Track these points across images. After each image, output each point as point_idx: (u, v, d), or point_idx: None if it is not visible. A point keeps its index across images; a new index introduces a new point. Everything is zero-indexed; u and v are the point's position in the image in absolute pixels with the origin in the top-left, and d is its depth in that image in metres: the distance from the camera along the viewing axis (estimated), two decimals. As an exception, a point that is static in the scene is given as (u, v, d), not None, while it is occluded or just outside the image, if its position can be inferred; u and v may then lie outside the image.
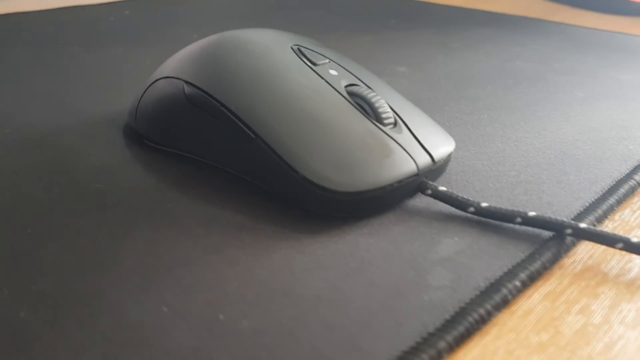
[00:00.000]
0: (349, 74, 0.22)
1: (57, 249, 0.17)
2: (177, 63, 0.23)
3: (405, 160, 0.19)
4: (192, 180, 0.21)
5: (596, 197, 0.21)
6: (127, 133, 0.25)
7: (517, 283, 0.16)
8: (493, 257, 0.17)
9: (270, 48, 0.22)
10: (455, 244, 0.18)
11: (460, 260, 0.17)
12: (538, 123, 0.27)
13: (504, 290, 0.16)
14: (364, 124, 0.20)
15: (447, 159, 0.21)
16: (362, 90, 0.21)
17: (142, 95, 0.24)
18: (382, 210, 0.19)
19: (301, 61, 0.21)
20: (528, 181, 0.22)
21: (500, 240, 0.18)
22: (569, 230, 0.18)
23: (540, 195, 0.21)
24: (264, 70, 0.21)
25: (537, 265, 0.17)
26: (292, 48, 0.22)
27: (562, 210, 0.20)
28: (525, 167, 0.23)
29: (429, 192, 0.20)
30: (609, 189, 0.21)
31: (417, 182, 0.20)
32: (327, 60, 0.22)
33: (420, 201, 0.20)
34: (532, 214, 0.18)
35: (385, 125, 0.20)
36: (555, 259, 0.18)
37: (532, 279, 0.17)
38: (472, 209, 0.19)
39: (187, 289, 0.15)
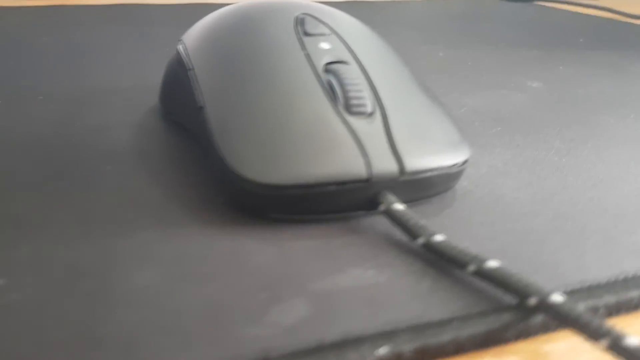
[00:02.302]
0: (348, 51, 0.17)
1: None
2: (194, 26, 0.21)
3: (355, 160, 0.15)
4: (168, 150, 0.19)
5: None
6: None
7: (383, 352, 0.11)
8: (394, 308, 0.12)
9: (269, 16, 0.18)
10: (361, 279, 0.13)
11: (343, 299, 0.12)
12: (656, 165, 0.19)
13: (352, 355, 0.10)
14: (321, 107, 0.15)
15: (440, 175, 0.16)
16: (341, 69, 0.16)
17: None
18: (319, 216, 0.15)
19: (293, 31, 0.18)
20: (559, 229, 0.15)
21: (431, 289, 0.12)
22: (532, 300, 0.11)
23: (558, 250, 0.14)
24: (240, 39, 0.18)
25: (444, 336, 0.11)
26: (296, 17, 0.18)
27: (570, 277, 0.13)
28: (574, 212, 0.16)
29: (382, 207, 0.15)
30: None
31: (371, 192, 0.15)
32: (328, 33, 0.18)
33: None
34: (491, 264, 0.12)
35: (352, 113, 0.15)
36: (495, 336, 0.11)
37: (422, 352, 0.11)
38: (421, 240, 0.14)
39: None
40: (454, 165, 0.16)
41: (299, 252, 0.14)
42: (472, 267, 0.12)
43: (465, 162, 0.16)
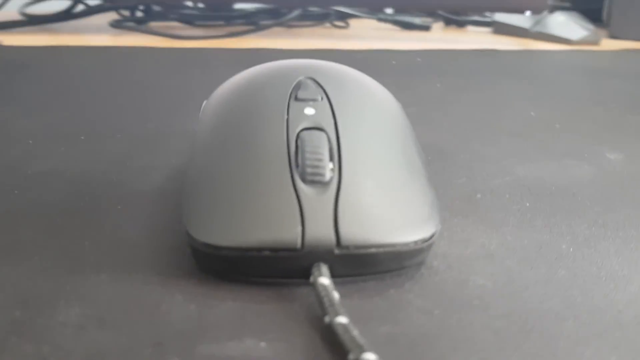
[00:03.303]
0: (332, 117, 0.17)
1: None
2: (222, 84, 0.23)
3: (291, 229, 0.15)
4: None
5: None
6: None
7: None
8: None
9: (273, 79, 0.19)
10: (249, 349, 0.13)
11: (215, 367, 0.12)
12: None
13: None
14: (279, 174, 0.16)
15: (386, 252, 0.15)
16: (309, 136, 0.17)
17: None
18: (257, 279, 0.15)
19: (287, 96, 0.18)
20: (495, 331, 0.14)
21: (307, 372, 0.12)
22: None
23: (470, 356, 0.13)
24: (238, 101, 0.19)
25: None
26: (299, 80, 0.19)
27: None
28: (533, 312, 0.14)
29: (311, 279, 0.15)
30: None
31: (305, 262, 0.15)
32: (319, 99, 0.18)
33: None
34: (368, 357, 0.12)
35: (306, 182, 0.16)
36: None
37: None
38: (327, 319, 0.13)
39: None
40: (405, 243, 0.15)
41: (215, 313, 0.14)
42: (351, 357, 0.12)
43: (425, 240, 0.16)
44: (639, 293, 0.15)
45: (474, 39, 0.71)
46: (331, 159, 0.16)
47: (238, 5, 0.80)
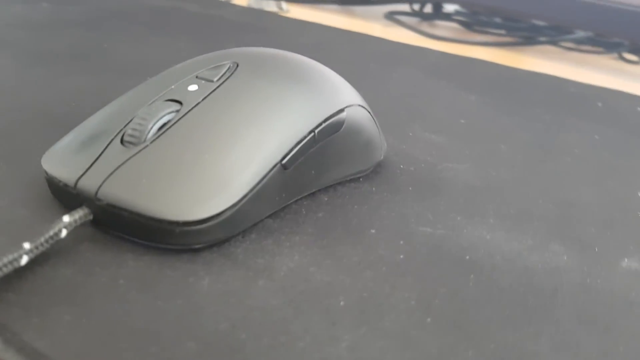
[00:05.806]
0: (202, 97, 0.19)
1: None
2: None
3: (76, 171, 0.17)
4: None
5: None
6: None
7: None
8: None
9: (212, 58, 0.21)
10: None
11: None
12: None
13: None
14: (109, 129, 0.18)
15: (139, 222, 0.16)
16: (154, 106, 0.19)
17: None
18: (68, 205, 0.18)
19: (194, 71, 0.20)
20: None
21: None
22: None
23: None
24: (163, 73, 0.21)
25: None
26: (221, 64, 0.20)
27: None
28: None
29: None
30: None
31: (78, 200, 0.17)
32: (215, 80, 0.19)
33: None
34: None
35: (123, 141, 0.18)
36: None
37: None
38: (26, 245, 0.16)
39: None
40: (158, 219, 0.16)
41: (7, 212, 0.18)
42: None
43: (187, 224, 0.16)
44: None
45: None
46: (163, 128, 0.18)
47: (537, 21, 0.76)
